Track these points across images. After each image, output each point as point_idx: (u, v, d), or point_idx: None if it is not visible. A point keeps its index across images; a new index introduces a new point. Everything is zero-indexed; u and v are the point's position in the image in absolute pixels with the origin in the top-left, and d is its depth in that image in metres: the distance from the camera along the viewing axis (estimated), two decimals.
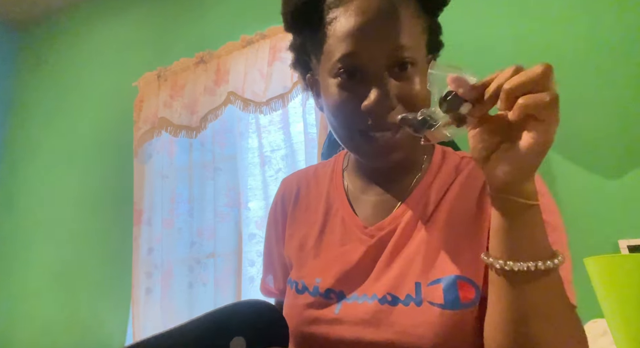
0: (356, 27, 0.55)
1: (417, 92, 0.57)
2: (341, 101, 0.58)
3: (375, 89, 0.55)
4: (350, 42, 0.56)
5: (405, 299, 0.56)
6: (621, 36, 1.42)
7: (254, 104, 1.91)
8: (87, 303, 2.20)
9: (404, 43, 0.55)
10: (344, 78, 0.57)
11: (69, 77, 2.72)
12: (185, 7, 2.39)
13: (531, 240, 0.45)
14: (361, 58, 0.56)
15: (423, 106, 0.50)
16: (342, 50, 0.56)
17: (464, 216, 0.60)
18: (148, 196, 2.11)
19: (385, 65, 0.56)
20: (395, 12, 0.56)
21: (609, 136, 1.37)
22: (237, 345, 0.47)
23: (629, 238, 1.27)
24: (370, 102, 0.55)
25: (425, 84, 0.55)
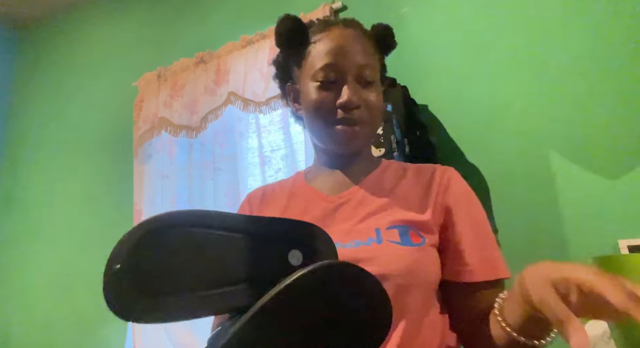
0: (336, 45, 0.76)
1: (376, 103, 0.76)
2: (320, 99, 0.75)
3: (347, 90, 0.74)
4: (330, 56, 0.75)
5: (367, 241, 0.69)
6: (621, 36, 1.42)
7: (253, 104, 1.91)
8: (87, 303, 2.20)
9: (366, 64, 0.76)
10: (323, 82, 0.75)
11: (68, 77, 2.72)
12: (186, 7, 2.39)
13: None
14: (338, 67, 0.75)
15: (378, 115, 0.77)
16: (324, 61, 0.75)
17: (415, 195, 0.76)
18: (148, 196, 2.11)
19: (354, 75, 0.75)
20: (362, 42, 0.77)
21: (609, 136, 1.37)
22: (294, 257, 0.48)
23: (629, 238, 1.27)
24: (343, 99, 0.73)
25: (381, 100, 0.78)
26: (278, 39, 0.82)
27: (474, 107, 1.58)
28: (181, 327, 1.86)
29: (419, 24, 1.74)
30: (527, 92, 1.52)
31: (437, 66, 1.66)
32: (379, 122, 0.81)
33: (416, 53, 1.71)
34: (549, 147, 1.44)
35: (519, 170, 1.47)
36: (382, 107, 0.79)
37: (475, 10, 1.66)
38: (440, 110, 1.63)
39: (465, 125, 1.58)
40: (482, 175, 1.51)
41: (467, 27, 1.66)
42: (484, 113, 1.56)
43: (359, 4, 1.87)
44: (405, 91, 1.54)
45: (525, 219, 1.42)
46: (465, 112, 1.59)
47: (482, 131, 1.55)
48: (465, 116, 1.59)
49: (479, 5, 1.66)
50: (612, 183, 1.34)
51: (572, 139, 1.42)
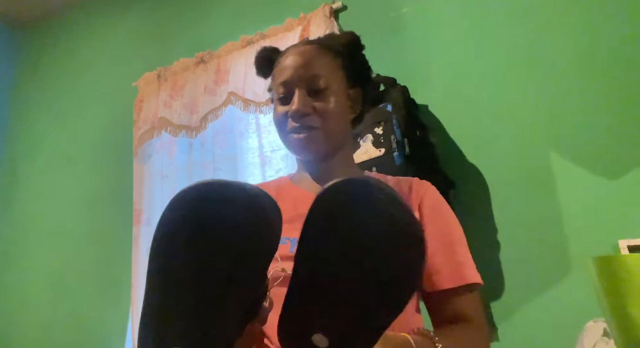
0: (288, 65, 0.83)
1: (329, 108, 0.80)
2: (278, 113, 0.83)
3: (295, 100, 0.80)
4: (283, 75, 0.83)
5: None
6: (621, 36, 1.42)
7: (254, 104, 1.91)
8: (87, 303, 2.20)
9: (318, 74, 0.81)
10: (281, 97, 0.83)
11: (68, 77, 2.72)
12: (186, 7, 2.39)
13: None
14: (290, 83, 0.82)
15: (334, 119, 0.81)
16: (279, 80, 0.83)
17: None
18: (147, 196, 2.11)
19: (305, 87, 0.81)
20: (316, 56, 0.83)
21: (609, 136, 1.37)
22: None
23: (629, 238, 1.27)
24: (290, 108, 0.80)
25: (340, 105, 0.82)
26: (255, 69, 0.93)
27: (474, 107, 1.58)
28: None
29: (419, 24, 1.74)
30: (527, 93, 1.52)
31: (437, 66, 1.66)
32: (339, 126, 0.83)
33: (416, 53, 1.70)
34: (549, 147, 1.44)
35: (519, 170, 1.47)
36: (340, 111, 0.82)
37: (475, 10, 1.66)
38: (440, 110, 1.63)
39: (465, 125, 1.58)
40: (482, 175, 1.51)
41: (467, 27, 1.66)
42: (484, 113, 1.56)
43: (359, 4, 1.87)
44: (405, 91, 1.54)
45: (525, 219, 1.42)
46: (465, 112, 1.59)
47: (482, 131, 1.55)
48: (465, 116, 1.58)
49: (479, 6, 1.66)
50: (612, 183, 1.34)
51: (572, 139, 1.42)
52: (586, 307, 0.96)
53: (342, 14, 1.90)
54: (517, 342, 1.35)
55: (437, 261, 0.75)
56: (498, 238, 1.43)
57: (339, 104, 0.82)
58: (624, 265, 0.66)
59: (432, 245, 0.75)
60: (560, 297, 1.32)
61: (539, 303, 1.34)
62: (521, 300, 1.36)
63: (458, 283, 0.74)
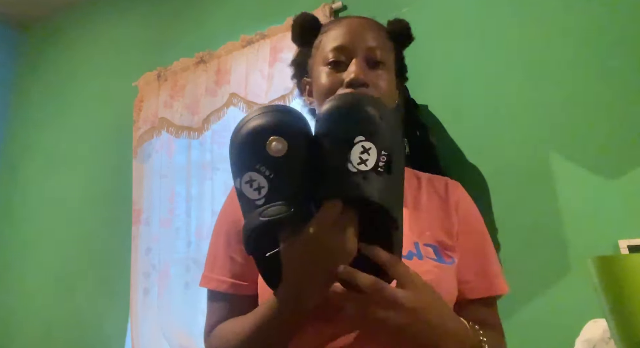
0: (345, 30, 0.76)
1: (385, 85, 0.74)
2: (329, 81, 0.74)
3: (353, 66, 0.72)
4: (340, 39, 0.75)
5: (408, 254, 0.67)
6: (621, 36, 1.42)
7: (256, 106, 1.90)
8: (87, 303, 2.20)
9: (377, 46, 0.75)
10: (332, 65, 0.75)
11: (68, 77, 2.72)
12: (185, 7, 2.39)
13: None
14: (346, 49, 0.74)
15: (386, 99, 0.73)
16: (334, 44, 0.75)
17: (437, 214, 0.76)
18: (147, 195, 2.11)
19: (363, 56, 0.74)
20: (373, 29, 0.77)
21: (609, 136, 1.37)
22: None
23: (629, 238, 1.27)
24: (350, 76, 0.71)
25: (392, 86, 0.77)
26: (292, 34, 0.84)
27: (474, 107, 1.58)
28: (178, 328, 1.86)
29: (419, 24, 1.72)
30: (527, 92, 1.52)
31: (437, 66, 1.66)
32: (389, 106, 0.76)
33: (416, 53, 1.70)
34: (548, 147, 1.44)
35: (518, 170, 1.47)
36: (392, 93, 0.77)
37: (475, 10, 1.66)
38: (440, 110, 1.62)
39: (465, 125, 1.58)
40: (481, 175, 1.51)
41: (467, 27, 1.66)
42: (483, 113, 1.56)
43: (359, 4, 1.87)
44: (405, 91, 1.54)
45: (525, 219, 1.42)
46: (465, 112, 1.59)
47: (482, 131, 1.55)
48: (465, 116, 1.58)
49: (478, 6, 1.66)
50: (612, 183, 1.34)
51: (572, 139, 1.42)
52: (586, 307, 0.96)
53: (342, 14, 1.90)
54: (517, 342, 1.34)
55: (470, 271, 0.73)
56: (498, 238, 1.43)
57: (392, 84, 0.77)
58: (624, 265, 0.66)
59: (466, 254, 0.74)
60: (560, 297, 1.31)
61: (539, 303, 1.34)
62: (521, 300, 1.36)
63: (489, 293, 0.73)
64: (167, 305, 1.91)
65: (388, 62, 0.77)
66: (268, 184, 0.53)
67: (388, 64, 0.76)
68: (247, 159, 0.55)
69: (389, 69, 0.77)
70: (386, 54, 0.76)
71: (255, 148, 0.54)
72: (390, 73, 0.77)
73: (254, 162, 0.54)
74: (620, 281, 0.66)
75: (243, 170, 0.55)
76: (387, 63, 0.76)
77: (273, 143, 0.53)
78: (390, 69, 0.77)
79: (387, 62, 0.76)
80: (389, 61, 0.77)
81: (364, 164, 0.52)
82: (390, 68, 0.77)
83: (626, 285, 0.65)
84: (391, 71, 0.78)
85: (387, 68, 0.76)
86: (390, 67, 0.77)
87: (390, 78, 0.76)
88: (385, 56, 0.76)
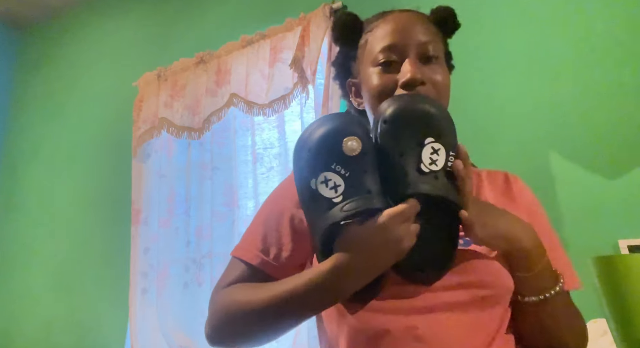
0: (393, 28, 0.72)
1: (441, 79, 0.71)
2: (382, 83, 0.70)
3: (408, 65, 0.68)
4: (389, 38, 0.71)
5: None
6: (621, 36, 1.42)
7: (257, 106, 1.90)
8: (86, 303, 2.20)
9: (429, 40, 0.71)
10: (383, 65, 0.71)
11: (68, 77, 2.72)
12: (185, 7, 2.39)
13: (541, 280, 0.63)
14: (398, 47, 0.70)
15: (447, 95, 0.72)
16: (383, 43, 0.71)
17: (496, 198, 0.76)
18: (146, 195, 2.11)
19: (415, 54, 0.70)
20: (421, 22, 0.73)
21: (609, 136, 1.37)
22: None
23: (629, 238, 1.27)
24: (406, 76, 0.67)
25: (448, 80, 0.73)
26: (335, 35, 0.80)
27: (473, 108, 1.58)
28: (177, 328, 1.86)
29: None
30: (526, 93, 1.52)
31: None
32: (447, 104, 0.73)
33: None
34: (548, 147, 1.44)
35: (518, 170, 1.46)
36: (448, 86, 0.73)
37: (475, 10, 1.66)
38: None
39: (464, 125, 1.56)
40: None
41: (467, 27, 1.65)
42: (483, 113, 1.56)
43: (359, 4, 1.87)
44: None
45: None
46: (464, 113, 1.59)
47: (481, 131, 1.55)
48: (464, 117, 1.58)
49: (478, 6, 1.66)
50: (612, 183, 1.34)
51: (571, 139, 1.42)
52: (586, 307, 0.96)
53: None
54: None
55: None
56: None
57: (447, 76, 0.73)
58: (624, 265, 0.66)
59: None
60: None
61: None
62: None
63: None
64: (166, 305, 1.91)
65: (440, 54, 0.73)
66: (344, 182, 0.57)
67: (440, 56, 0.73)
68: (323, 160, 0.58)
69: (441, 61, 0.73)
70: (438, 46, 0.73)
71: (332, 148, 0.58)
72: (444, 65, 0.74)
73: (330, 162, 0.58)
74: (620, 281, 0.66)
75: (317, 171, 0.58)
76: (440, 55, 0.73)
77: (349, 142, 0.57)
78: (442, 61, 0.74)
79: (440, 54, 0.73)
80: (441, 52, 0.74)
81: (435, 164, 0.58)
82: (442, 60, 0.74)
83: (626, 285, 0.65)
84: (443, 62, 0.74)
85: (440, 61, 0.73)
86: (442, 59, 0.74)
87: (444, 70, 0.73)
88: (437, 49, 0.72)
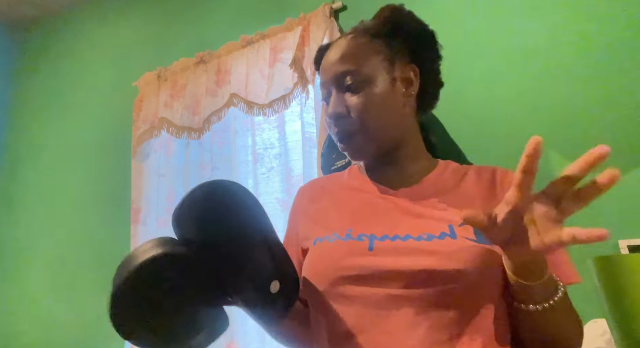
0: (323, 64, 0.78)
1: (363, 103, 0.72)
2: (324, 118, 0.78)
3: (331, 101, 0.74)
4: (321, 75, 0.78)
5: (440, 235, 0.65)
6: (621, 36, 1.42)
7: (257, 106, 1.90)
8: (86, 303, 2.20)
9: (347, 70, 0.73)
10: (325, 100, 0.77)
11: (68, 77, 2.72)
12: (185, 7, 2.39)
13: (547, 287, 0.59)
14: (325, 84, 0.76)
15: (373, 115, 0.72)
16: (320, 81, 0.78)
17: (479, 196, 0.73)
18: (145, 195, 2.11)
19: (337, 86, 0.74)
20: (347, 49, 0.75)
21: (609, 136, 1.37)
22: (275, 286, 0.58)
23: (629, 238, 1.27)
24: (327, 112, 0.74)
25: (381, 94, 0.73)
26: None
27: (473, 108, 1.58)
28: None
29: None
30: (526, 92, 1.52)
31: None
32: (384, 118, 0.73)
33: None
34: (548, 147, 1.44)
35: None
36: (381, 101, 0.73)
37: (475, 10, 1.66)
38: (440, 110, 1.62)
39: (465, 125, 1.58)
40: None
41: (467, 27, 1.66)
42: (483, 113, 1.56)
43: (359, 4, 1.87)
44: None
45: None
46: (465, 113, 1.59)
47: (482, 131, 1.55)
48: (465, 116, 1.58)
49: (478, 6, 1.66)
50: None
51: (571, 139, 1.42)
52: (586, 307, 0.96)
53: (342, 14, 1.90)
54: None
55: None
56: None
57: (379, 93, 0.72)
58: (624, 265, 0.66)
59: None
60: None
61: None
62: None
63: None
64: None
65: (371, 74, 0.73)
66: None
67: (371, 76, 0.73)
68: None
69: (373, 80, 0.73)
70: (367, 67, 0.73)
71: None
72: (378, 81, 0.73)
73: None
74: (620, 281, 0.66)
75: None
76: (369, 76, 0.73)
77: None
78: (377, 78, 0.73)
79: (369, 75, 0.73)
80: (372, 71, 0.73)
81: None
82: (376, 76, 0.73)
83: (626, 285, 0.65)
84: (380, 77, 0.73)
85: (370, 81, 0.73)
86: (376, 75, 0.73)
87: (378, 87, 0.73)
88: (363, 71, 0.73)
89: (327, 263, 0.68)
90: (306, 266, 0.72)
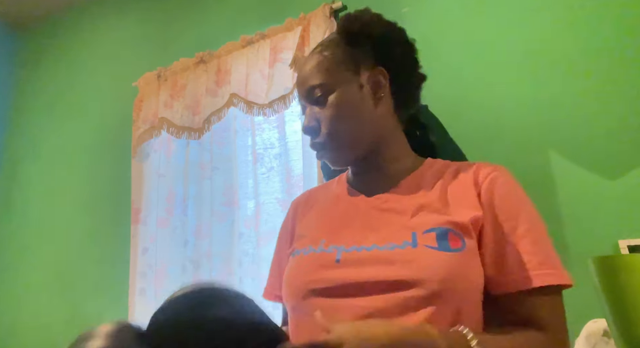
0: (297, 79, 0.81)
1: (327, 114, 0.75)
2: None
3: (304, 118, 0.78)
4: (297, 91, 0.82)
5: (402, 244, 0.67)
6: (621, 36, 1.42)
7: (257, 106, 1.90)
8: (87, 303, 2.20)
9: (315, 84, 0.76)
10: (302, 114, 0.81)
11: (68, 77, 2.72)
12: (185, 7, 2.39)
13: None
14: (299, 99, 0.81)
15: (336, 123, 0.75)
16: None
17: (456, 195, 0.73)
18: (145, 195, 2.11)
19: (308, 102, 0.79)
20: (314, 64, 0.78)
21: (609, 135, 1.37)
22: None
23: (629, 238, 1.27)
24: (303, 123, 0.78)
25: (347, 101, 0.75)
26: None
27: (474, 107, 1.58)
28: None
29: (419, 24, 1.74)
30: (526, 93, 1.52)
31: (437, 66, 1.66)
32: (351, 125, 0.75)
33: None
34: (548, 147, 1.44)
35: (518, 170, 1.46)
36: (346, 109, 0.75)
37: (475, 10, 1.66)
38: (440, 110, 1.62)
39: (465, 125, 1.58)
40: None
41: (467, 27, 1.66)
42: (484, 113, 1.56)
43: (359, 4, 1.86)
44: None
45: None
46: (465, 112, 1.59)
47: (482, 131, 1.55)
48: (465, 116, 1.58)
49: (478, 5, 1.66)
50: (612, 183, 1.34)
51: (571, 139, 1.42)
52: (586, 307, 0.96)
53: (342, 14, 1.90)
54: None
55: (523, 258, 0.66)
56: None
57: (346, 102, 0.75)
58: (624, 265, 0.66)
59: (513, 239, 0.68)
60: None
61: None
62: None
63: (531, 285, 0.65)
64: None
65: (335, 83, 0.76)
66: None
67: (336, 85, 0.75)
68: None
69: (337, 88, 0.75)
70: (330, 78, 0.76)
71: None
72: (344, 89, 0.75)
73: None
74: (620, 281, 0.66)
75: None
76: (333, 86, 0.75)
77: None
78: (341, 85, 0.76)
79: (333, 85, 0.75)
80: (336, 79, 0.76)
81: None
82: (341, 84, 0.76)
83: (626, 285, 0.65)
84: (344, 85, 0.76)
85: (335, 90, 0.75)
86: (340, 83, 0.76)
87: (343, 95, 0.75)
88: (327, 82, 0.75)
89: (299, 277, 0.72)
90: (283, 280, 0.76)
